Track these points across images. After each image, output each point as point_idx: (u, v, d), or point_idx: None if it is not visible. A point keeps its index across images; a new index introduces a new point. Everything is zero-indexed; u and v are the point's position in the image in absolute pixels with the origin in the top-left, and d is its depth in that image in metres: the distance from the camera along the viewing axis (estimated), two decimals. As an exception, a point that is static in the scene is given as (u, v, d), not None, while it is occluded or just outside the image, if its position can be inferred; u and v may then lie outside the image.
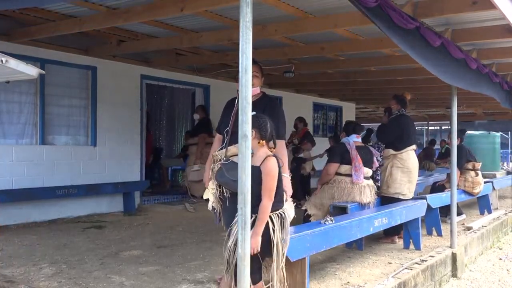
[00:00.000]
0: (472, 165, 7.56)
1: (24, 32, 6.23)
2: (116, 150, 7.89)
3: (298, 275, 3.40)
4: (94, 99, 7.58)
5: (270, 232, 2.87)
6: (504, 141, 25.09)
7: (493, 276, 5.28)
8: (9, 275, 4.18)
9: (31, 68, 3.26)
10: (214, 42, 6.46)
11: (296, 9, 5.14)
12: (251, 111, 2.32)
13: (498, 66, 6.87)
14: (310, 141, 9.33)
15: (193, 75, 9.19)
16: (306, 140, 9.27)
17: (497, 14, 4.30)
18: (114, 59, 7.77)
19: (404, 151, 5.85)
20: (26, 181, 6.65)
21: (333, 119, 14.67)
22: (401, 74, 8.72)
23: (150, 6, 5.01)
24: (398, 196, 5.73)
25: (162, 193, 9.17)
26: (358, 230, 4.28)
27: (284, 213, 3.01)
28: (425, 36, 3.90)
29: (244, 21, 2.22)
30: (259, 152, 2.98)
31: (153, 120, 11.41)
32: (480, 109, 16.15)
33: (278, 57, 7.46)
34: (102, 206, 7.61)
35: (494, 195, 8.87)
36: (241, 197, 2.31)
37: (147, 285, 3.99)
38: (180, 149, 11.45)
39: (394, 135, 5.92)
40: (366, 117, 20.12)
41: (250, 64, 2.25)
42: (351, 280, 4.20)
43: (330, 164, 5.45)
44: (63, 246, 5.39)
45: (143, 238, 5.85)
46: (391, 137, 5.95)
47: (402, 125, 5.94)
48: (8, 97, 6.62)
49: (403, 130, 5.90)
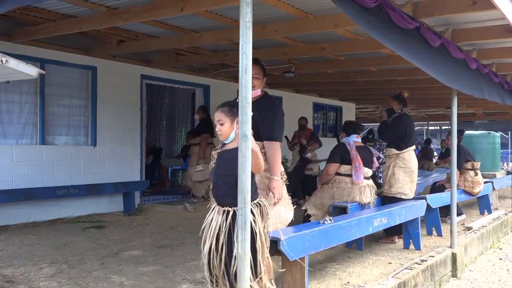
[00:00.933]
0: (471, 164, 7.56)
1: (24, 32, 6.24)
2: (116, 150, 7.89)
3: (298, 275, 3.40)
4: (94, 99, 7.59)
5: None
6: (504, 141, 25.11)
7: (493, 276, 5.27)
8: (9, 275, 4.18)
9: (31, 68, 3.27)
10: (214, 42, 6.46)
11: (296, 9, 5.14)
12: (251, 111, 2.31)
13: (498, 66, 6.87)
14: (317, 141, 9.33)
15: (193, 75, 9.19)
16: (313, 140, 9.28)
17: (497, 14, 4.30)
18: (114, 59, 7.77)
19: (406, 151, 5.85)
20: (26, 181, 6.66)
21: (333, 119, 14.67)
22: (401, 74, 8.73)
23: (150, 6, 5.01)
24: (400, 196, 5.74)
25: (162, 193, 9.18)
26: (357, 230, 4.28)
27: (262, 201, 2.94)
28: (425, 36, 3.90)
29: (244, 21, 2.21)
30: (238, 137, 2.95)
31: (151, 120, 11.37)
32: (480, 109, 16.16)
33: (278, 57, 7.46)
34: (102, 206, 7.62)
35: (494, 195, 8.87)
36: (241, 197, 2.31)
37: (147, 285, 3.99)
38: (180, 149, 11.45)
39: (397, 134, 5.92)
40: (366, 117, 20.12)
41: (250, 64, 2.24)
42: (351, 280, 4.20)
43: (330, 164, 5.45)
44: (63, 246, 5.39)
45: (143, 238, 5.85)
46: (394, 136, 5.95)
47: (405, 124, 5.93)
48: (8, 97, 6.62)
49: (406, 129, 5.90)
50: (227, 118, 2.95)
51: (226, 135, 2.98)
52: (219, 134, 3.01)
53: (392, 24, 3.41)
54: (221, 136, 3.00)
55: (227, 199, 2.88)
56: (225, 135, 2.99)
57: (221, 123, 2.97)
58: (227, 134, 2.98)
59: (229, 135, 2.98)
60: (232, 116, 2.95)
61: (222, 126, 2.98)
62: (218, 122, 2.99)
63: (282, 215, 3.52)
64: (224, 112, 2.97)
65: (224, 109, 2.99)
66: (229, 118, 2.95)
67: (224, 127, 2.97)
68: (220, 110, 3.00)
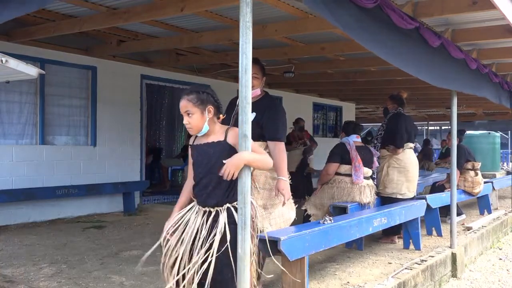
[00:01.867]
0: (471, 165, 7.56)
1: (24, 32, 6.24)
2: (116, 150, 7.89)
3: (298, 275, 3.39)
4: (94, 99, 7.59)
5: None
6: (504, 141, 25.11)
7: (493, 276, 5.27)
8: (9, 275, 4.18)
9: (31, 68, 3.27)
10: (214, 42, 6.46)
11: (296, 9, 5.14)
12: (251, 111, 2.30)
13: (498, 66, 6.87)
14: (315, 142, 9.59)
15: (193, 75, 9.19)
16: (312, 141, 9.45)
17: (497, 14, 4.30)
18: (114, 59, 7.77)
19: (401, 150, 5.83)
20: (26, 181, 6.66)
21: (333, 119, 14.68)
22: (401, 74, 8.71)
23: (150, 6, 5.02)
24: (396, 195, 5.73)
25: (162, 193, 9.18)
26: (357, 230, 4.28)
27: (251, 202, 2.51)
28: (425, 36, 3.89)
29: (244, 21, 2.21)
30: (214, 128, 2.58)
31: (150, 120, 11.37)
32: (480, 109, 16.15)
33: (278, 57, 7.46)
34: (102, 206, 7.62)
35: (494, 195, 8.87)
36: (241, 196, 2.31)
37: (147, 285, 3.99)
38: (180, 149, 11.45)
39: (390, 134, 5.90)
40: (366, 117, 20.12)
41: (250, 64, 2.23)
42: (351, 280, 4.20)
43: (330, 164, 5.45)
44: (63, 246, 5.39)
45: (143, 238, 5.85)
46: (387, 136, 5.93)
47: (398, 123, 5.91)
48: (8, 97, 6.62)
49: (399, 129, 5.86)
50: (196, 108, 2.49)
51: (197, 128, 2.53)
52: (188, 127, 2.54)
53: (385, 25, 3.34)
54: (191, 129, 2.55)
55: (210, 199, 2.54)
56: (196, 128, 2.53)
57: (189, 113, 2.50)
58: (198, 126, 2.52)
59: (201, 128, 2.52)
60: (202, 105, 2.50)
61: (190, 118, 2.51)
62: (185, 113, 2.51)
63: (285, 214, 3.54)
64: (192, 101, 2.49)
65: (191, 98, 2.50)
66: (199, 108, 2.49)
67: (193, 119, 2.50)
68: (186, 98, 2.51)
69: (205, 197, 2.56)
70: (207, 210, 2.55)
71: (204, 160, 2.56)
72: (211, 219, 2.52)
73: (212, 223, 2.51)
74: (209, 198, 2.54)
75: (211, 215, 2.53)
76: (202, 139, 2.61)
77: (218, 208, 2.53)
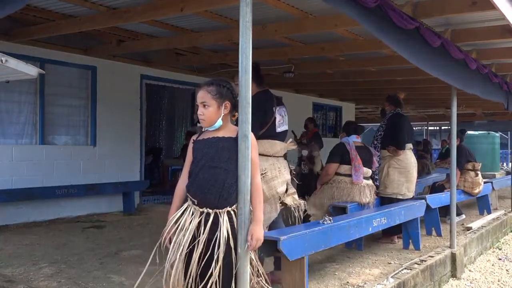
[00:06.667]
0: (472, 165, 7.57)
1: (24, 32, 6.23)
2: (116, 150, 7.89)
3: (297, 275, 3.40)
4: (94, 99, 7.59)
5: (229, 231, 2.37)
6: (504, 141, 25.10)
7: (492, 276, 5.28)
8: (8, 274, 4.18)
9: (31, 68, 3.27)
10: (214, 42, 6.46)
11: (296, 9, 5.14)
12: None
13: (498, 66, 6.87)
14: (318, 142, 9.33)
15: (193, 75, 9.18)
16: (314, 142, 9.31)
17: (497, 14, 4.30)
18: (114, 59, 7.77)
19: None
20: (26, 181, 6.65)
21: (333, 119, 14.67)
22: (400, 74, 8.72)
23: (150, 6, 5.01)
24: (396, 196, 5.73)
25: (162, 193, 9.18)
26: (357, 230, 4.29)
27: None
28: (425, 36, 3.90)
29: (244, 21, 2.22)
30: (227, 125, 2.52)
31: (150, 120, 11.37)
32: (479, 109, 16.14)
33: (278, 57, 7.46)
34: (101, 206, 7.62)
35: (493, 196, 8.88)
36: (241, 196, 2.30)
37: (147, 284, 3.98)
38: (180, 149, 11.45)
39: (389, 135, 5.90)
40: (366, 117, 20.12)
41: (250, 64, 2.23)
42: (350, 280, 4.20)
43: (330, 164, 5.45)
44: (63, 246, 5.39)
45: (143, 238, 5.85)
46: (386, 137, 5.94)
47: (395, 124, 5.91)
48: (8, 97, 6.62)
49: (397, 129, 5.86)
50: (213, 101, 2.42)
51: (211, 121, 2.44)
52: (202, 118, 2.45)
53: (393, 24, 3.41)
54: (204, 121, 2.46)
55: (209, 196, 2.39)
56: (209, 121, 2.45)
57: (206, 105, 2.43)
58: (211, 119, 2.44)
59: (214, 122, 2.44)
60: (220, 99, 2.43)
61: (206, 110, 2.43)
62: (201, 103, 2.44)
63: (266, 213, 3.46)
64: (211, 93, 2.43)
65: (211, 89, 2.44)
66: (216, 101, 2.43)
67: (208, 111, 2.43)
68: (205, 89, 2.45)
69: (203, 195, 2.41)
70: (205, 211, 2.40)
71: (211, 151, 2.44)
72: (210, 223, 2.38)
73: (212, 226, 2.38)
74: (208, 194, 2.40)
75: (210, 217, 2.39)
76: (211, 134, 2.50)
77: (217, 211, 2.39)
